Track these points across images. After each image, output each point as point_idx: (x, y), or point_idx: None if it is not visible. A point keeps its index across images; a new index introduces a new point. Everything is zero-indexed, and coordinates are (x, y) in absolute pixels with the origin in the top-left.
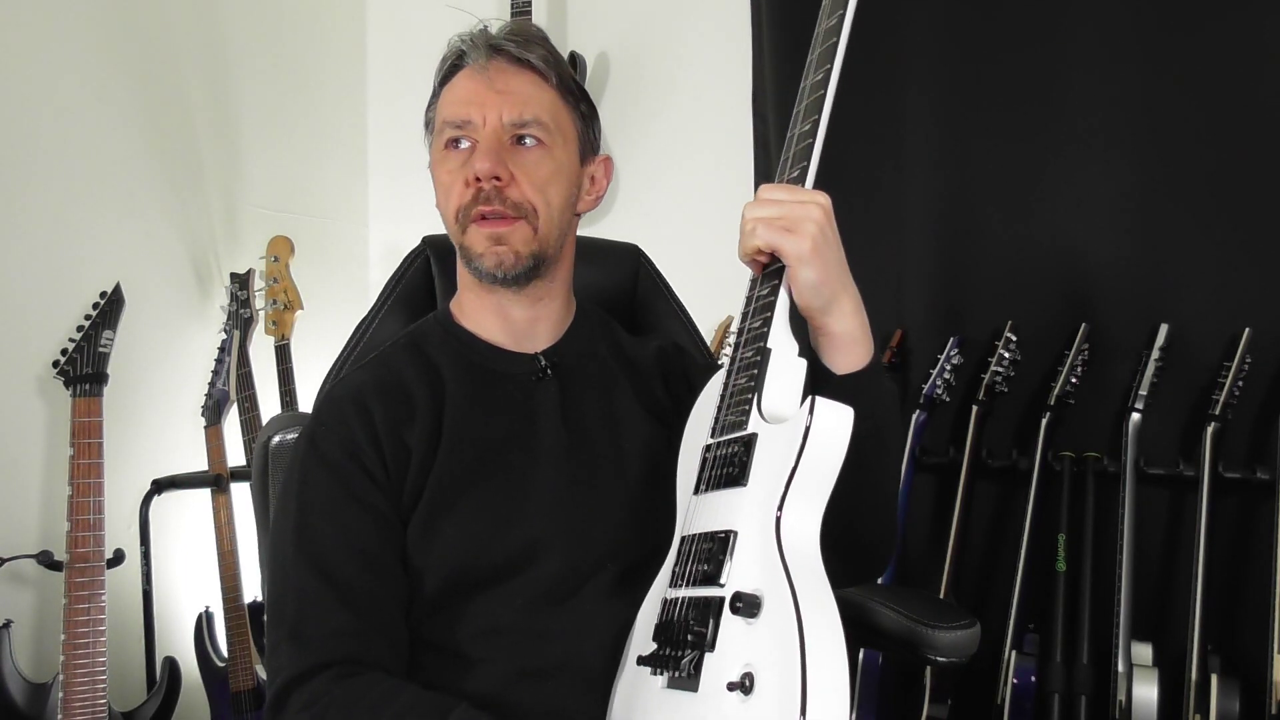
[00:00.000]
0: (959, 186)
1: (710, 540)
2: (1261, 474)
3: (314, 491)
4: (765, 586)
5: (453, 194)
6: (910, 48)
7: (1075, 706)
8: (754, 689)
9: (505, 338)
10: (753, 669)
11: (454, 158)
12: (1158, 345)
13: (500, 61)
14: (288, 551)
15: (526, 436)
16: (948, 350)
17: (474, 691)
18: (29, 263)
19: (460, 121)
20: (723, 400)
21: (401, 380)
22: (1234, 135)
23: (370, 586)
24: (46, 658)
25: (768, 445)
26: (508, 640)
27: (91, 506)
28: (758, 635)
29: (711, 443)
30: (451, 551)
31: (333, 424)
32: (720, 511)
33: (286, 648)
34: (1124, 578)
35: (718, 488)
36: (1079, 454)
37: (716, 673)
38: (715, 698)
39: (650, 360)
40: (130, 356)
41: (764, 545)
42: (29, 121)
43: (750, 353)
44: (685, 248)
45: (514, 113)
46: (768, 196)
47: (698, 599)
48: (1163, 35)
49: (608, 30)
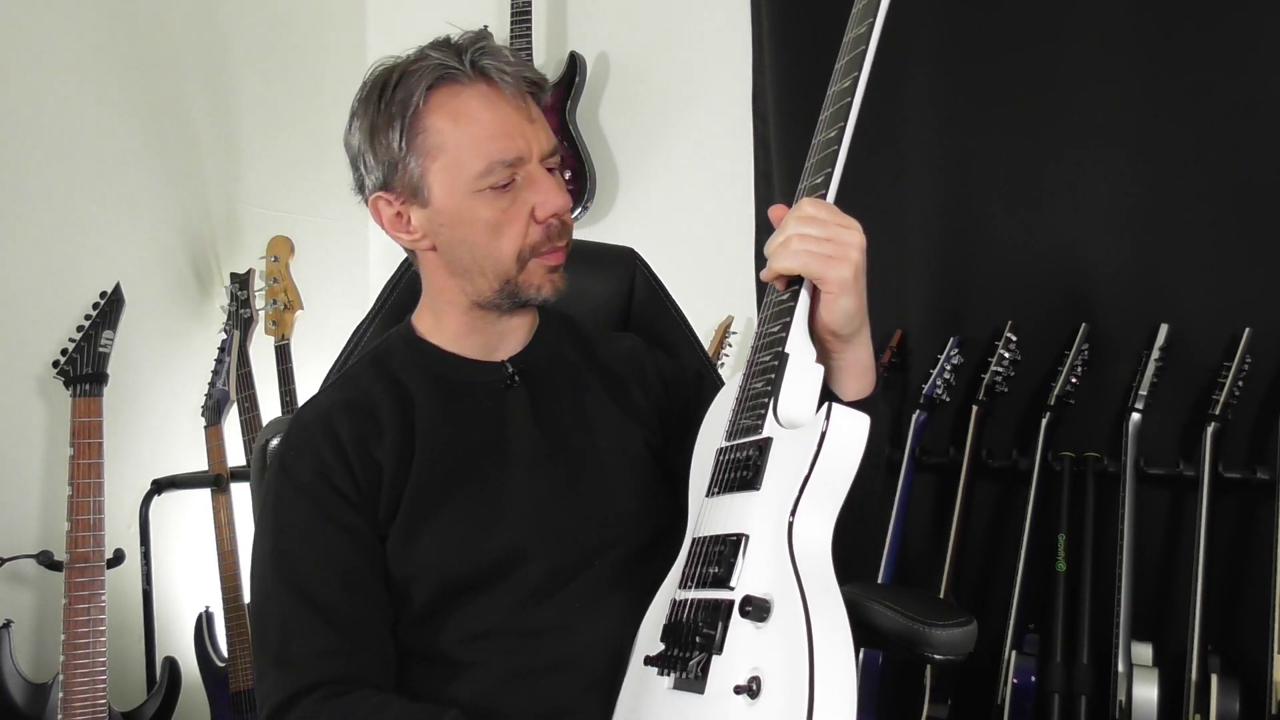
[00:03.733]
0: (959, 186)
1: (721, 543)
2: (1261, 474)
3: (288, 516)
4: (776, 591)
5: (511, 233)
6: (911, 48)
7: (1075, 706)
8: (761, 693)
9: (472, 348)
10: (760, 673)
11: (504, 196)
12: (1158, 345)
13: (523, 86)
14: (268, 577)
15: (499, 443)
16: (948, 350)
17: (467, 696)
18: (29, 263)
19: (513, 160)
20: (739, 404)
21: (367, 398)
22: (1234, 135)
23: (352, 605)
24: (46, 658)
25: (782, 450)
26: (496, 643)
27: (91, 506)
28: (766, 640)
29: (726, 445)
30: (433, 561)
31: (301, 447)
32: (732, 514)
33: (273, 673)
34: (1124, 578)
35: (730, 490)
36: (1079, 454)
37: (724, 675)
38: (721, 700)
39: (622, 360)
40: (130, 356)
41: (775, 550)
42: (29, 121)
43: (768, 357)
44: (685, 248)
45: (548, 143)
46: (811, 214)
47: (707, 601)
48: (1163, 36)
49: (608, 30)
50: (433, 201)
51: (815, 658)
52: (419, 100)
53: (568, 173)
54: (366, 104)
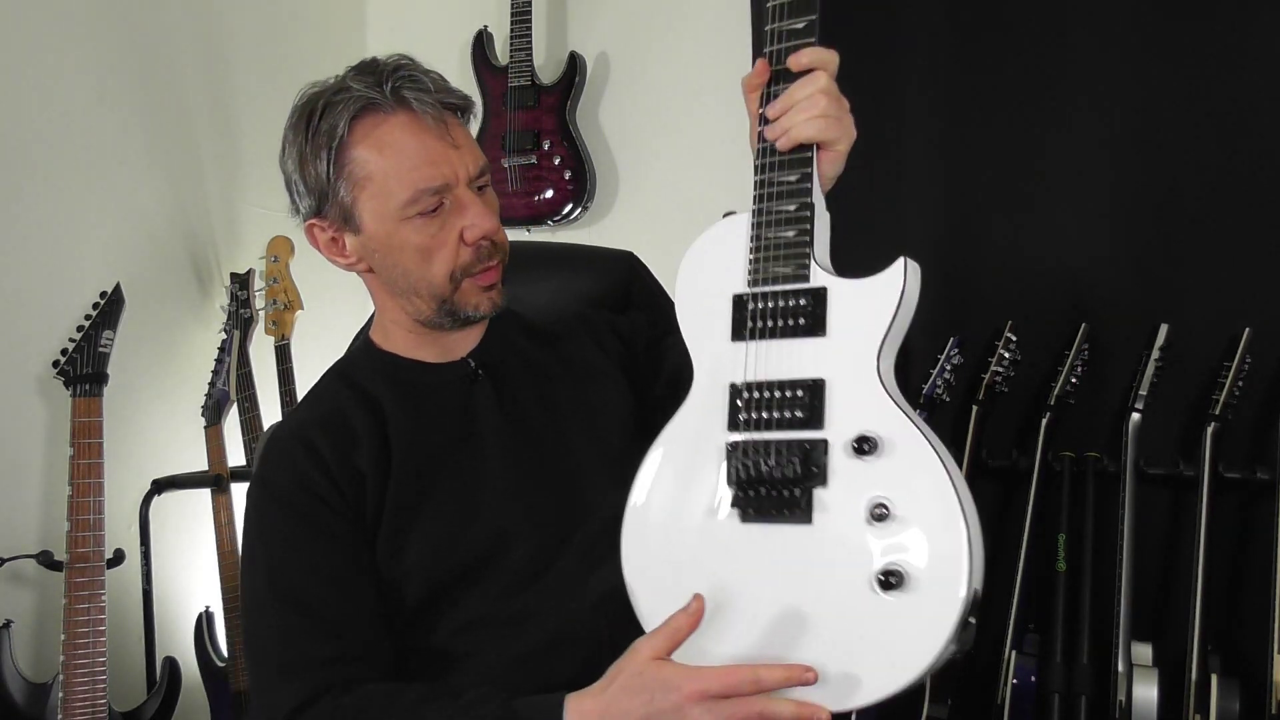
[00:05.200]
0: (959, 187)
1: (791, 387)
2: (1261, 474)
3: (275, 530)
4: (883, 428)
5: (442, 257)
6: (910, 48)
7: (1075, 706)
8: (891, 515)
9: (432, 353)
10: (886, 499)
11: (432, 222)
12: (1158, 345)
13: (445, 114)
14: (259, 590)
15: (471, 436)
16: (948, 350)
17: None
18: (29, 263)
19: (439, 188)
20: (759, 251)
21: (339, 411)
22: (1234, 135)
23: (348, 611)
24: (46, 658)
25: (846, 298)
26: (490, 630)
27: (91, 506)
28: (880, 470)
29: (754, 292)
30: (422, 559)
31: (278, 461)
32: (792, 360)
33: (279, 683)
34: (1124, 578)
35: (780, 336)
36: (1079, 454)
37: (832, 505)
38: (838, 526)
39: (573, 330)
40: (130, 356)
41: (866, 391)
42: (29, 121)
43: (792, 206)
44: (685, 247)
45: (475, 165)
46: (827, 87)
47: (793, 442)
48: (1163, 35)
49: (608, 30)
50: (364, 229)
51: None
52: (343, 131)
53: (567, 172)
54: (295, 131)
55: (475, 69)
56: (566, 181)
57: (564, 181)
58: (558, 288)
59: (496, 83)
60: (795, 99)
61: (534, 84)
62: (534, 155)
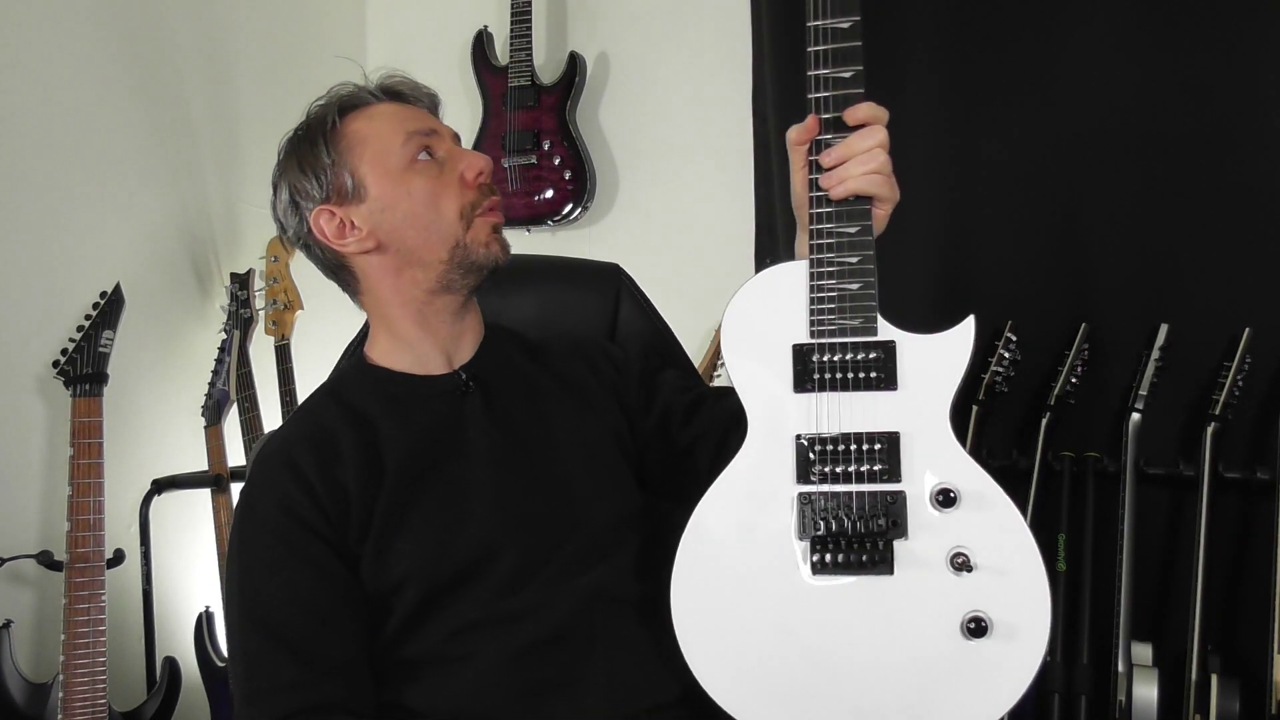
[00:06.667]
0: (959, 185)
1: (867, 440)
2: (1261, 474)
3: (254, 553)
4: (960, 481)
5: (449, 197)
6: (910, 46)
7: (1075, 706)
8: (974, 565)
9: (425, 361)
10: (966, 550)
11: (432, 166)
12: (1158, 345)
13: (426, 101)
14: (234, 615)
15: (461, 446)
16: None
17: (469, 685)
18: (29, 263)
19: (427, 130)
20: (821, 303)
21: (326, 427)
22: (1234, 135)
23: (319, 636)
24: (46, 658)
25: (915, 353)
26: (485, 631)
27: (91, 506)
28: (959, 521)
29: (819, 343)
30: (410, 569)
31: (265, 484)
32: (864, 412)
33: (244, 710)
34: (1124, 578)
35: (849, 389)
36: (1079, 454)
37: (914, 556)
38: (920, 576)
39: (569, 352)
40: (130, 356)
41: (940, 444)
42: (29, 121)
43: (855, 259)
44: (685, 247)
45: (451, 134)
46: (883, 140)
47: (872, 494)
48: (1163, 35)
49: (608, 30)
50: (370, 191)
51: (1030, 532)
52: (334, 119)
53: (567, 173)
54: (289, 151)
55: (475, 69)
56: (566, 182)
57: (564, 181)
58: (545, 299)
59: (496, 83)
60: (854, 150)
61: (534, 84)
62: (534, 155)
